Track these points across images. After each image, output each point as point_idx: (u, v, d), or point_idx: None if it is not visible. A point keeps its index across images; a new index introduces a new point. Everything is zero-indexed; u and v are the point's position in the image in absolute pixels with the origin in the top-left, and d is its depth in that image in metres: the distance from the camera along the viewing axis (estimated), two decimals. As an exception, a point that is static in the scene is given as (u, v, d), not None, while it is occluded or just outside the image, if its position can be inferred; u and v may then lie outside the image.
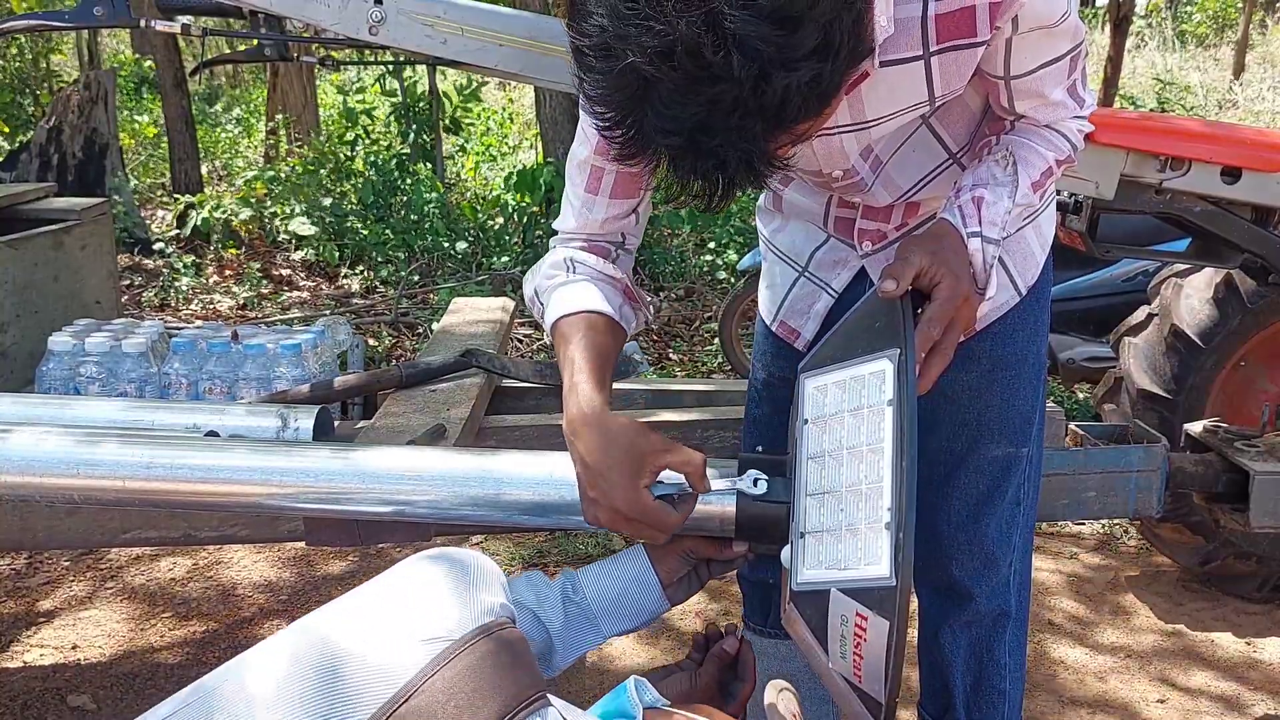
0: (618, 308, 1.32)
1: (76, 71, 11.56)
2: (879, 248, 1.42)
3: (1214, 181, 2.21)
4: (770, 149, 0.95)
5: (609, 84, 0.92)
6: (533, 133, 8.74)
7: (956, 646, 1.53)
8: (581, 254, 1.34)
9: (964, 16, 1.11)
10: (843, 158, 1.29)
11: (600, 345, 1.24)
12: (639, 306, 1.39)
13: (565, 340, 1.25)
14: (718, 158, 0.92)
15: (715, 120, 0.89)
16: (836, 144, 1.26)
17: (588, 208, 1.33)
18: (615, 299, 1.33)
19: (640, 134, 0.93)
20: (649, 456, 1.11)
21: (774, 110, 0.90)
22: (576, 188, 1.33)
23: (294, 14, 2.06)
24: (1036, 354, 1.47)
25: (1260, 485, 2.15)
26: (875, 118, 1.22)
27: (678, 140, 0.91)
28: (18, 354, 2.23)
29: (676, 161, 0.95)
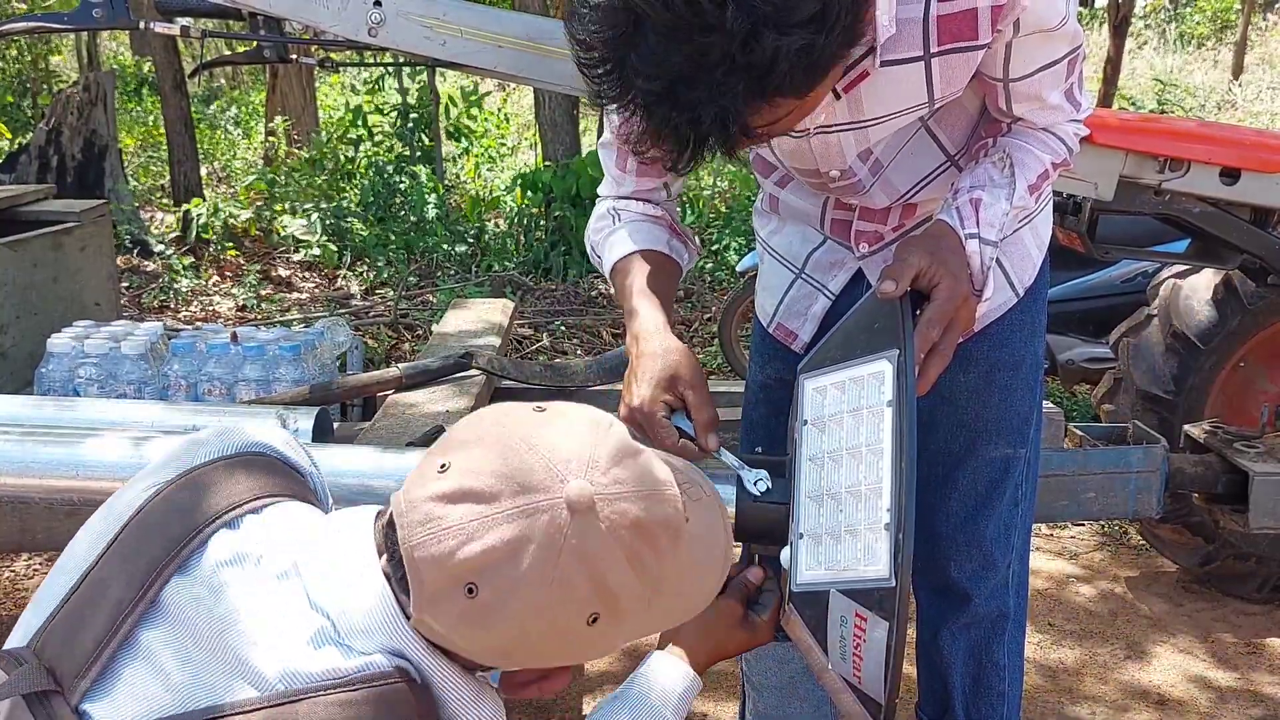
0: (666, 242, 1.38)
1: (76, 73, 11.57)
2: (876, 249, 1.42)
3: (1213, 182, 2.21)
4: (748, 115, 0.94)
5: (599, 19, 0.92)
6: (531, 134, 8.75)
7: (955, 648, 1.53)
8: (623, 201, 1.42)
9: (966, 19, 1.11)
10: (840, 158, 1.29)
11: (656, 276, 1.32)
12: (686, 240, 1.44)
13: (623, 278, 1.34)
14: (693, 112, 0.92)
15: (699, 72, 0.89)
16: (834, 142, 1.26)
17: (619, 182, 1.42)
18: (662, 235, 1.39)
19: (621, 77, 0.93)
20: (680, 381, 1.19)
21: (759, 72, 0.89)
22: (608, 165, 1.43)
23: (293, 15, 2.06)
24: (1034, 355, 1.47)
25: (1260, 486, 2.15)
26: (874, 117, 1.22)
27: (657, 86, 0.91)
28: (17, 355, 2.23)
29: (651, 110, 0.94)
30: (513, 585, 0.79)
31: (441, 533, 0.79)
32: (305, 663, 0.78)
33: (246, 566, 0.83)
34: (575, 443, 0.84)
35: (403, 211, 6.72)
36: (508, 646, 0.83)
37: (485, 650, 0.84)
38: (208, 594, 0.81)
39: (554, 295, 5.80)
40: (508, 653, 0.84)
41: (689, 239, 1.44)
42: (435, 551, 0.79)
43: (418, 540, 0.80)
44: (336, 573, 0.84)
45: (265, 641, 0.79)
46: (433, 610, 0.81)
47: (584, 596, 0.81)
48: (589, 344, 5.13)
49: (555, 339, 5.15)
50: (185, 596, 0.81)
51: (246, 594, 0.81)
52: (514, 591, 0.79)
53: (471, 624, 0.81)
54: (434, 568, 0.80)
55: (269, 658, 0.78)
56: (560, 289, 5.89)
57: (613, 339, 5.19)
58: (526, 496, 0.80)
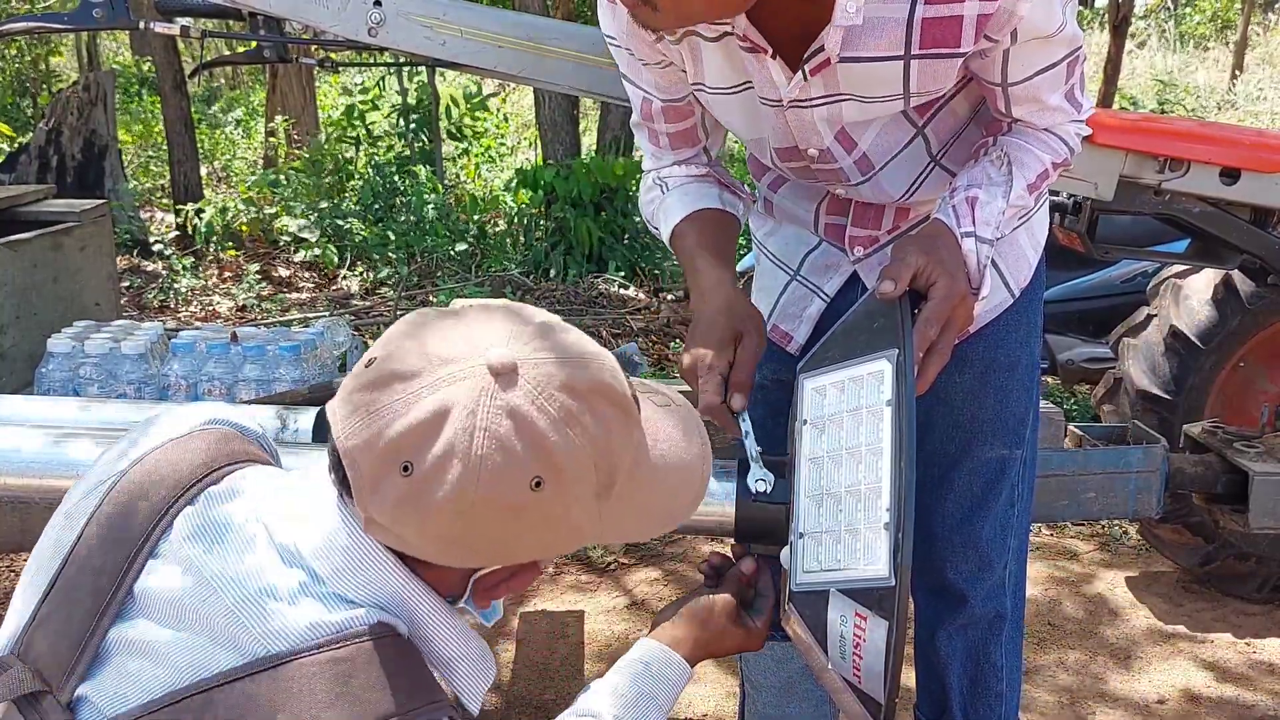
0: (718, 197, 1.40)
1: (76, 73, 11.57)
2: (870, 252, 1.43)
3: (1213, 182, 2.21)
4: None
5: None
6: (531, 133, 8.75)
7: (953, 649, 1.53)
8: (667, 169, 1.44)
9: (950, 25, 1.11)
10: (816, 135, 1.29)
11: (713, 234, 1.35)
12: (738, 189, 1.45)
13: (680, 242, 1.37)
14: None
15: None
16: (808, 117, 1.26)
17: (658, 156, 1.44)
18: (712, 191, 1.40)
19: None
20: (735, 338, 1.22)
21: None
22: (643, 142, 1.45)
23: (293, 15, 2.06)
24: (1030, 356, 1.47)
25: (1260, 486, 2.15)
26: (847, 93, 1.22)
27: None
28: (17, 355, 2.23)
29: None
30: (444, 452, 0.78)
31: (369, 417, 0.79)
32: (288, 621, 0.78)
33: (213, 537, 0.83)
34: (498, 322, 0.85)
35: (403, 211, 6.72)
36: (458, 532, 0.80)
37: (438, 542, 0.81)
38: (181, 572, 0.81)
39: (554, 295, 5.80)
40: (461, 540, 0.81)
41: (739, 189, 1.45)
42: (366, 436, 0.79)
43: (350, 431, 0.80)
44: (299, 516, 0.84)
45: (244, 607, 0.79)
46: (376, 502, 0.80)
47: (521, 458, 0.79)
48: (589, 344, 5.12)
49: (555, 339, 5.14)
50: (160, 580, 0.81)
51: (218, 564, 0.81)
52: (446, 459, 0.78)
53: (414, 507, 0.79)
54: (366, 453, 0.79)
55: (251, 623, 0.78)
56: (560, 289, 5.89)
57: (613, 339, 5.19)
58: (448, 367, 0.80)
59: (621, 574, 3.11)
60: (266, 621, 0.78)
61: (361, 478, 0.80)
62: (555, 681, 2.51)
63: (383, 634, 0.80)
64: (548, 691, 2.46)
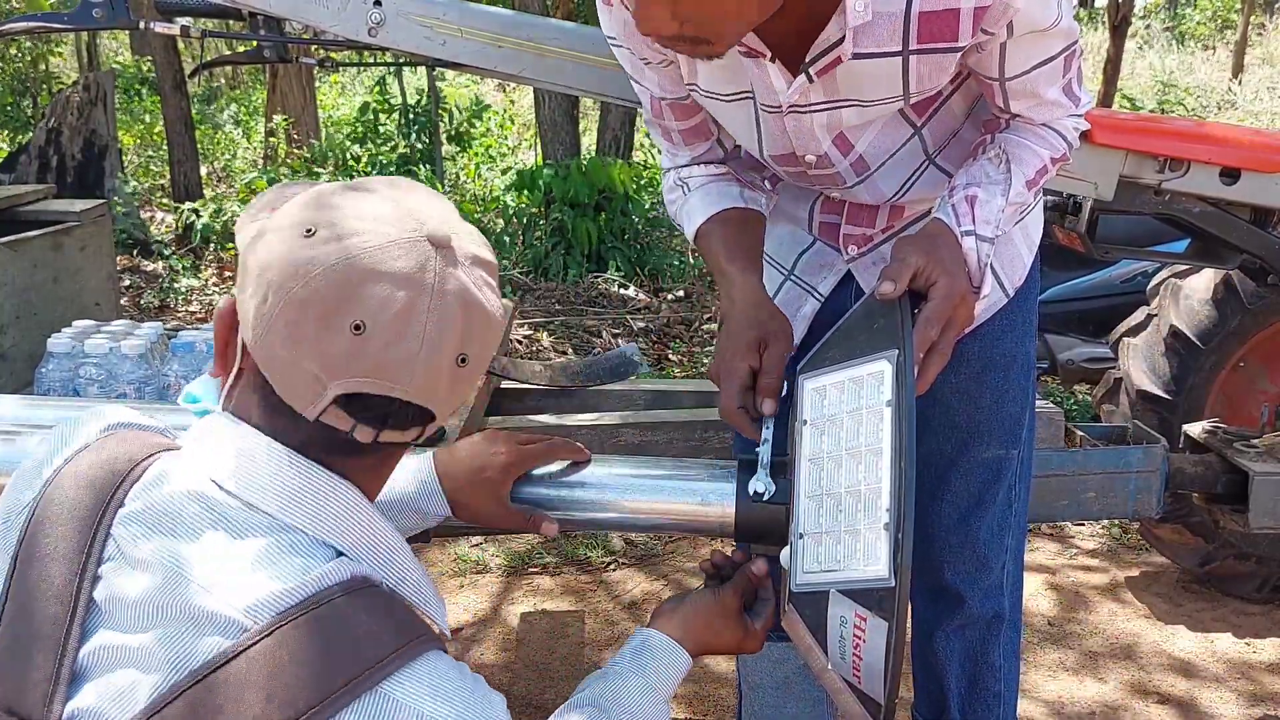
0: (739, 196, 1.39)
1: (76, 73, 11.57)
2: (864, 251, 1.42)
3: (1213, 182, 2.21)
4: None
5: None
6: (531, 133, 8.75)
7: (951, 650, 1.53)
8: (686, 168, 1.44)
9: (947, 19, 1.12)
10: (814, 140, 1.29)
11: (737, 235, 1.35)
12: (760, 185, 1.45)
13: (706, 243, 1.37)
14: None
15: None
16: (807, 122, 1.26)
17: (673, 155, 1.45)
18: (733, 190, 1.40)
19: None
20: (762, 344, 1.22)
21: None
22: (658, 139, 1.45)
23: (293, 15, 2.06)
24: (1025, 355, 1.47)
25: (1259, 486, 2.15)
26: (847, 99, 1.22)
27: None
28: (17, 356, 2.23)
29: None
30: (399, 311, 0.80)
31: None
32: (266, 587, 0.77)
33: (161, 527, 0.81)
34: (418, 196, 0.89)
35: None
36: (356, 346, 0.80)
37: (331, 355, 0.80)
38: (140, 572, 0.80)
39: (554, 295, 5.80)
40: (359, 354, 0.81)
41: (761, 184, 1.45)
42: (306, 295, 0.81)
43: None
44: (240, 474, 0.83)
45: (215, 584, 0.77)
46: (306, 351, 0.80)
47: (460, 329, 0.83)
48: (589, 344, 5.13)
49: (555, 339, 5.15)
50: (119, 586, 0.80)
51: (172, 552, 0.80)
52: (401, 318, 0.80)
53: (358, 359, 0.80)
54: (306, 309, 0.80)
55: (227, 598, 0.77)
56: (560, 289, 5.89)
57: (613, 339, 5.19)
58: (393, 239, 0.84)
59: (621, 574, 3.11)
60: (244, 593, 0.77)
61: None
62: (555, 681, 2.51)
63: (360, 584, 0.80)
64: (548, 691, 2.46)
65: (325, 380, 0.81)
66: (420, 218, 0.84)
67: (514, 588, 3.02)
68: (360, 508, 0.86)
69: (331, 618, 0.77)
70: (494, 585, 3.04)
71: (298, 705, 0.73)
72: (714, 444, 1.94)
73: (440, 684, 0.78)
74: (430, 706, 0.76)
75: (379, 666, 0.76)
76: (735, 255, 1.31)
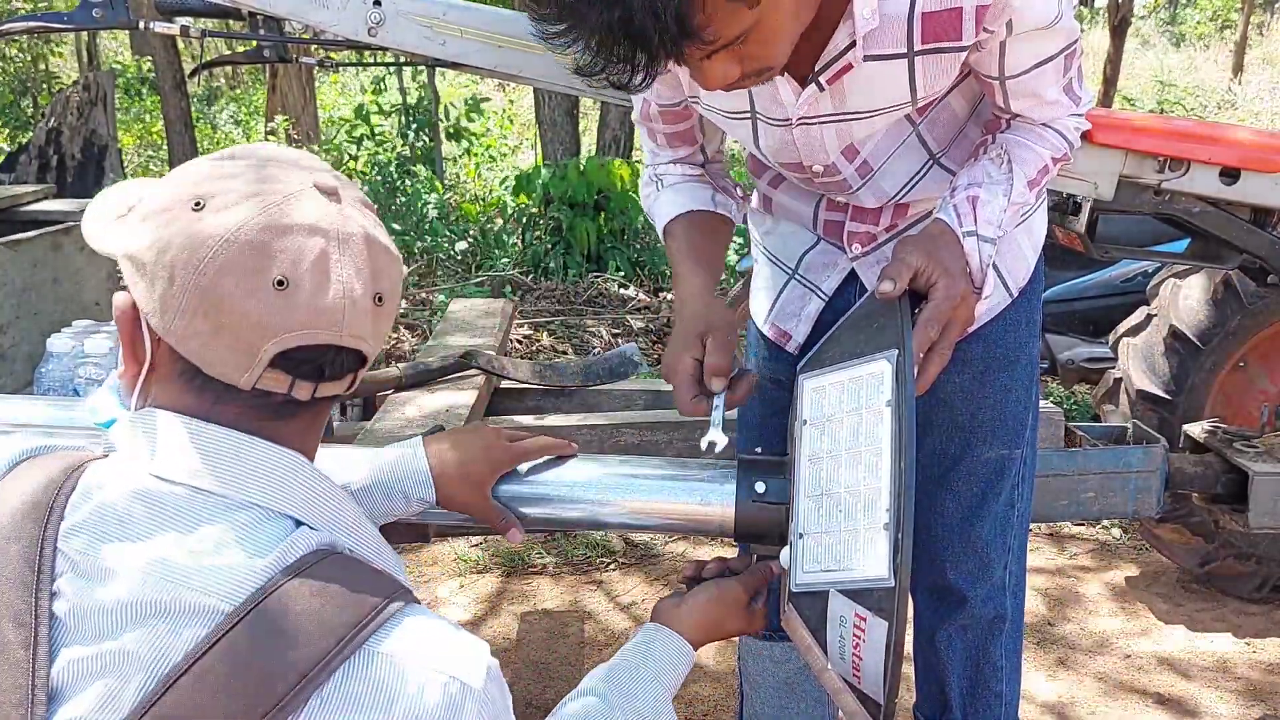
0: (710, 199, 1.41)
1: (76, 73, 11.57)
2: (868, 250, 1.42)
3: (1213, 182, 2.21)
4: (682, 10, 0.93)
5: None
6: (531, 133, 8.75)
7: (952, 649, 1.52)
8: (664, 166, 1.46)
9: (950, 18, 1.11)
10: (823, 152, 1.29)
11: (701, 236, 1.37)
12: (731, 192, 1.47)
13: (670, 242, 1.39)
14: (624, 7, 0.91)
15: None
16: (816, 134, 1.26)
17: (655, 153, 1.47)
18: (705, 193, 1.42)
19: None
20: (705, 336, 1.23)
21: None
22: (644, 137, 1.47)
23: (293, 15, 2.06)
24: (1029, 356, 1.47)
25: (1259, 486, 2.15)
26: (856, 111, 1.22)
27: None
28: (17, 355, 2.23)
29: (586, 14, 0.93)
30: (301, 253, 0.82)
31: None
32: (231, 570, 0.77)
33: (106, 535, 0.80)
34: (293, 157, 0.91)
35: (403, 211, 6.72)
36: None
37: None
38: (97, 581, 0.78)
39: (554, 295, 5.80)
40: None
41: (733, 190, 1.47)
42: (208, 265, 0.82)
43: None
44: (186, 467, 0.82)
45: (182, 576, 0.77)
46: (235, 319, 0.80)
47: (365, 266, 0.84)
48: (589, 344, 5.13)
49: (555, 339, 5.15)
50: (78, 598, 0.78)
51: (131, 554, 0.78)
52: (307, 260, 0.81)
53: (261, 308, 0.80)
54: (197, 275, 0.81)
55: (198, 587, 0.76)
56: (560, 289, 5.89)
57: (613, 339, 5.19)
58: (283, 195, 0.86)
59: (621, 574, 3.11)
60: (214, 578, 0.76)
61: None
62: (555, 681, 2.51)
63: (326, 551, 0.81)
64: (548, 691, 2.46)
65: (258, 344, 0.81)
66: (301, 170, 0.86)
67: (514, 588, 3.02)
68: (308, 473, 0.86)
69: (308, 588, 0.77)
70: (494, 585, 3.04)
71: (289, 678, 0.73)
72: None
73: (425, 636, 0.78)
74: (419, 658, 0.76)
75: (362, 627, 0.76)
76: (692, 258, 1.33)
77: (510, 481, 1.21)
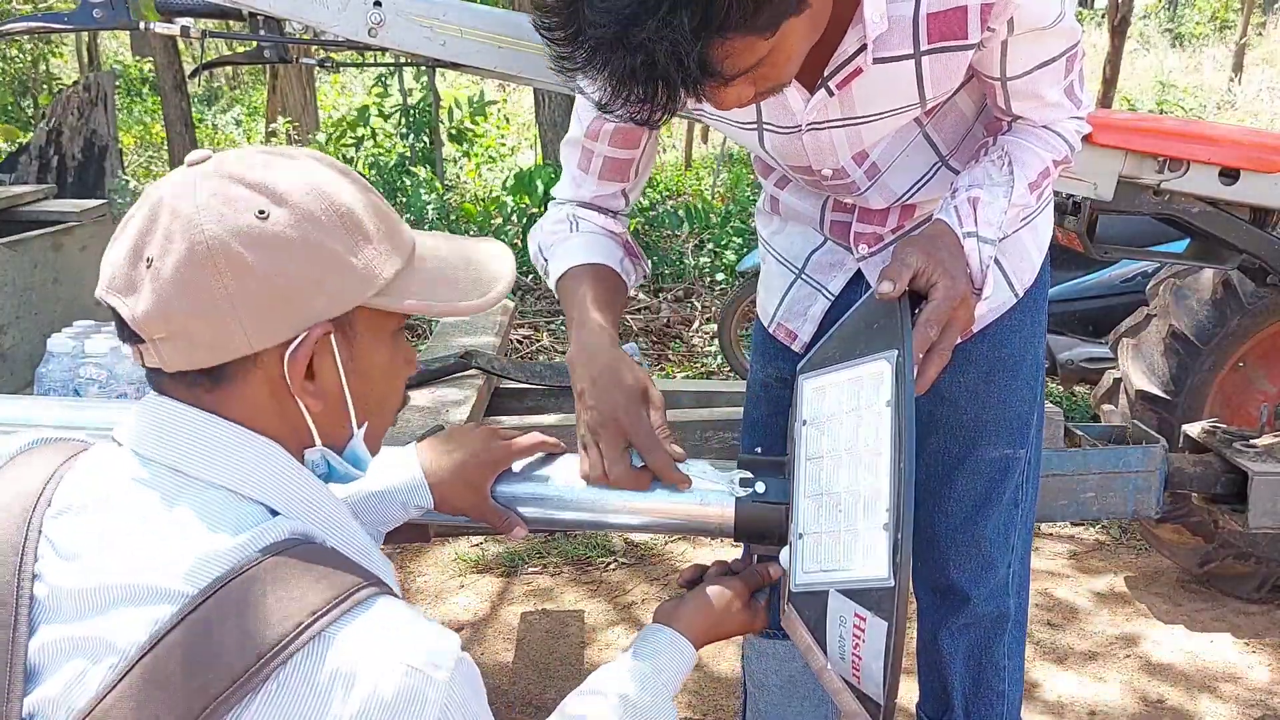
0: (619, 261, 1.37)
1: (76, 73, 11.57)
2: (875, 250, 1.43)
3: (1212, 183, 2.21)
4: (706, 54, 0.93)
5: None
6: (531, 134, 8.75)
7: (955, 648, 1.53)
8: (583, 210, 1.41)
9: (955, 17, 1.12)
10: (833, 156, 1.29)
11: (608, 291, 1.30)
12: (638, 261, 1.44)
13: (573, 288, 1.32)
14: (647, 53, 0.92)
15: (645, 11, 0.89)
16: (827, 140, 1.26)
17: (578, 183, 1.41)
18: (617, 253, 1.38)
19: (578, 32, 0.94)
20: (647, 394, 1.19)
21: (703, 3, 0.90)
22: (569, 165, 1.41)
23: (293, 16, 2.06)
24: (1034, 356, 1.47)
25: (1259, 486, 2.15)
26: (866, 115, 1.22)
27: (608, 33, 0.91)
28: (17, 355, 2.23)
29: (609, 59, 0.94)
30: (169, 221, 0.81)
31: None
32: (198, 552, 0.78)
33: (86, 514, 0.82)
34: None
35: (403, 211, 6.72)
36: (222, 291, 0.80)
37: (217, 314, 0.80)
38: (74, 563, 0.80)
39: (553, 295, 5.79)
40: (233, 299, 0.80)
41: (640, 259, 1.44)
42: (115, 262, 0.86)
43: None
44: (171, 449, 0.83)
45: (151, 557, 0.78)
46: (153, 321, 0.81)
47: (236, 195, 0.82)
48: (589, 344, 5.12)
49: (555, 339, 5.15)
50: (56, 579, 0.80)
51: (105, 534, 0.80)
52: (171, 225, 0.81)
53: (171, 288, 0.81)
54: (118, 279, 0.85)
55: (165, 569, 0.77)
56: (560, 289, 5.88)
57: (613, 339, 5.18)
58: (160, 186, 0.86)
59: (621, 574, 3.11)
60: (181, 560, 0.77)
61: (136, 318, 0.82)
62: (555, 681, 2.51)
63: (300, 539, 0.81)
64: (548, 691, 2.47)
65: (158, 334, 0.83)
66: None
67: (514, 588, 3.02)
68: (281, 461, 0.86)
69: (273, 572, 0.77)
70: (494, 585, 3.04)
71: (246, 658, 0.73)
72: (714, 444, 1.94)
73: (390, 625, 0.78)
74: (381, 647, 0.76)
75: (324, 613, 0.76)
76: (601, 308, 1.27)
77: (508, 482, 1.21)
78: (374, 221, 0.87)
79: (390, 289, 0.87)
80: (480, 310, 0.95)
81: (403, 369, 0.95)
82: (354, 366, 0.88)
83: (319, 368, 0.86)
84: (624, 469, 1.17)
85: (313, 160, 0.88)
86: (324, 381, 0.87)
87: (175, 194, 0.82)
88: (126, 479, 0.83)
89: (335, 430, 0.90)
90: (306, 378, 0.85)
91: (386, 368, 0.92)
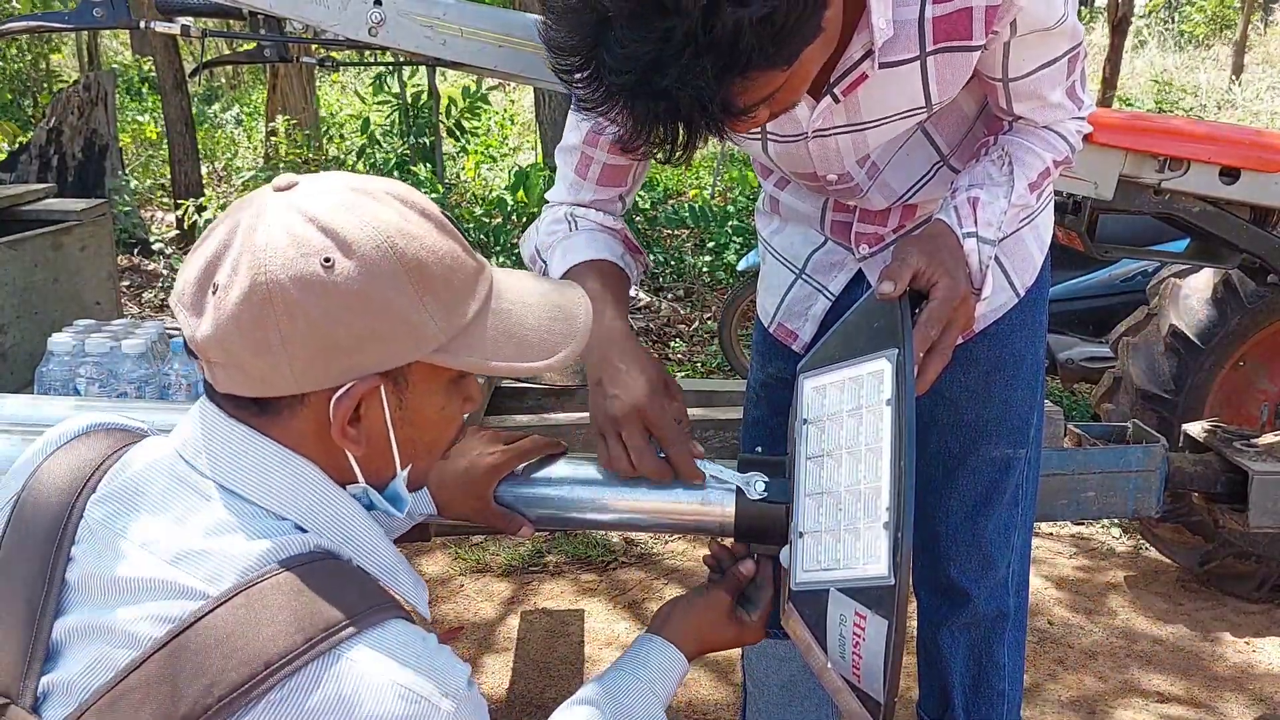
0: (621, 256, 1.36)
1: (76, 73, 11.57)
2: (876, 250, 1.42)
3: (1212, 182, 2.21)
4: (727, 95, 0.93)
5: (567, 21, 0.93)
6: (532, 134, 8.75)
7: (955, 648, 1.53)
8: (581, 209, 1.40)
9: (961, 18, 1.12)
10: (838, 162, 1.29)
11: (612, 283, 1.30)
12: (639, 256, 1.43)
13: (581, 281, 1.28)
14: (670, 99, 0.92)
15: (666, 58, 0.89)
16: (832, 146, 1.26)
17: (576, 188, 1.39)
18: (618, 248, 1.37)
19: (598, 76, 0.94)
20: (669, 385, 1.19)
21: (725, 49, 0.89)
22: (565, 170, 1.40)
23: (293, 15, 2.06)
24: (1034, 355, 1.47)
25: (1259, 485, 2.15)
26: (872, 120, 1.22)
27: (630, 79, 0.91)
28: (17, 355, 2.23)
29: (632, 104, 0.94)
30: (237, 254, 0.80)
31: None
32: (224, 555, 0.79)
33: (124, 505, 0.84)
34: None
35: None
36: (277, 333, 0.79)
37: (267, 353, 0.80)
38: (107, 550, 0.82)
39: (554, 295, 5.79)
40: (288, 342, 0.79)
41: (641, 255, 1.43)
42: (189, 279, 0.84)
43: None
44: (209, 452, 0.85)
45: (177, 554, 0.79)
46: (212, 344, 0.81)
47: (303, 237, 0.80)
48: (589, 343, 5.12)
49: (555, 338, 5.13)
50: (90, 565, 0.82)
51: (137, 527, 0.82)
52: (239, 259, 0.80)
53: (230, 319, 0.80)
54: (187, 297, 0.83)
55: (189, 568, 0.78)
56: (560, 288, 5.88)
57: (613, 338, 5.18)
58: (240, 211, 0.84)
59: (621, 574, 3.11)
60: (206, 561, 0.78)
61: (196, 340, 0.82)
62: (555, 681, 2.51)
63: (322, 555, 0.82)
64: (548, 691, 2.46)
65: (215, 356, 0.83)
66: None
67: (514, 587, 3.02)
68: (318, 483, 0.86)
69: (292, 584, 0.78)
70: (494, 585, 3.04)
71: (254, 666, 0.74)
72: (714, 444, 1.94)
73: (399, 650, 0.77)
74: (387, 672, 0.76)
75: (338, 630, 0.76)
76: (611, 300, 1.26)
77: (511, 483, 1.21)
78: (445, 275, 0.84)
79: (450, 345, 0.85)
80: (541, 372, 0.94)
81: (459, 412, 0.93)
82: (403, 416, 0.87)
83: (365, 414, 0.85)
84: (653, 459, 1.16)
85: (397, 203, 0.85)
86: (369, 428, 0.86)
87: (251, 223, 0.81)
88: (168, 478, 0.85)
89: (379, 470, 0.90)
90: (351, 423, 0.84)
91: (438, 415, 0.91)
